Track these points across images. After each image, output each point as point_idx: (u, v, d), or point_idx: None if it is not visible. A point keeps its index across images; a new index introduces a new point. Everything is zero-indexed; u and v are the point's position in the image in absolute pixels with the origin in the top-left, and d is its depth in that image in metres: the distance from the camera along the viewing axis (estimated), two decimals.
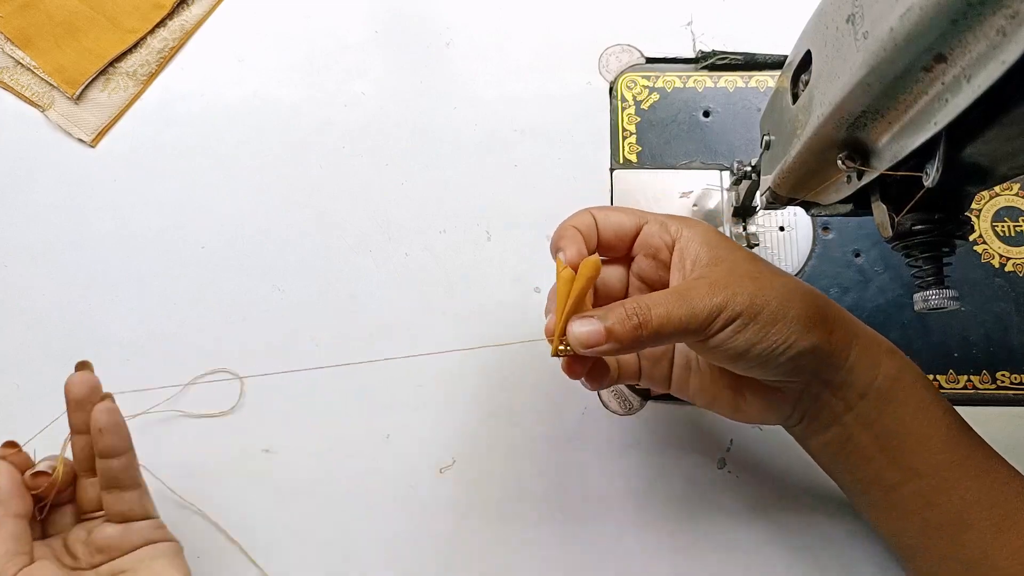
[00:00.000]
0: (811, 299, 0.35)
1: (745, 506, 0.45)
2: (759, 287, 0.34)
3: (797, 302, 0.34)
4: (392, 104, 0.54)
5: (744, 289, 0.33)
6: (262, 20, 0.57)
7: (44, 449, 0.40)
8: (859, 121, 0.29)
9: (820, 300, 0.36)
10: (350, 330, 0.49)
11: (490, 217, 0.52)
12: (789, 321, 0.33)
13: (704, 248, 0.36)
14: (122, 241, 0.51)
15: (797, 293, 0.35)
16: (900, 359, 0.37)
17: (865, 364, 0.36)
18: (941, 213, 0.31)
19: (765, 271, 0.36)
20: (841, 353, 0.36)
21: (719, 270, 0.35)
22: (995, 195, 0.51)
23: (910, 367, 0.37)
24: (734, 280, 0.34)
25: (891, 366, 0.36)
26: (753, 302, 0.33)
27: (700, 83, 0.54)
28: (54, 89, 0.54)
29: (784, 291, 0.34)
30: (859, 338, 0.36)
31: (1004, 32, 0.20)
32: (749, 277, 0.34)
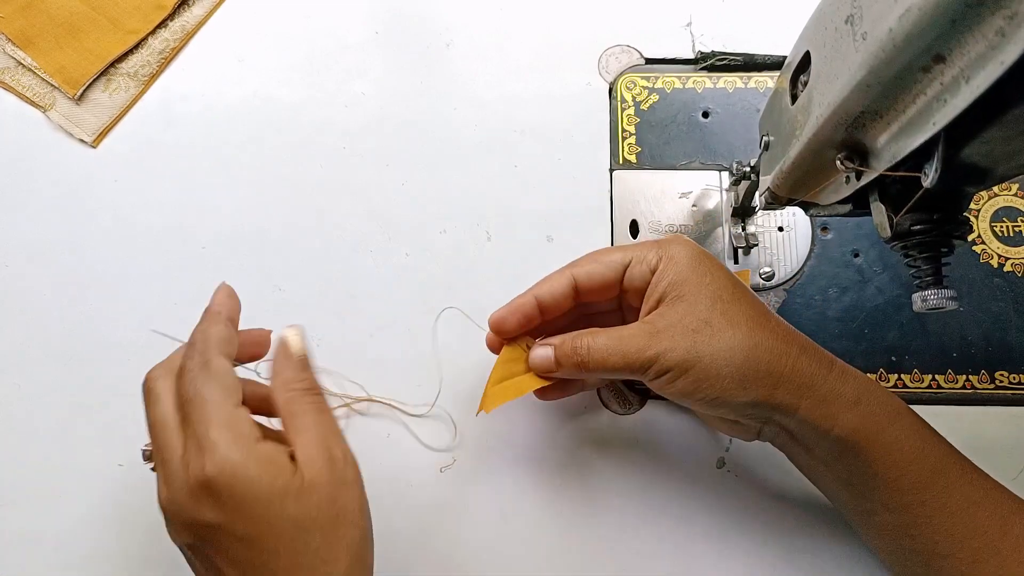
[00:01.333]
0: (755, 356, 0.35)
1: (744, 506, 0.45)
2: (697, 342, 0.35)
3: (736, 360, 0.34)
4: (392, 104, 0.54)
5: (681, 343, 0.35)
6: (262, 21, 0.57)
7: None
8: (858, 122, 0.29)
9: (767, 357, 0.35)
10: (350, 330, 0.49)
11: (490, 217, 0.52)
12: (722, 379, 0.35)
13: (671, 286, 0.36)
14: (123, 241, 0.51)
15: (740, 350, 0.34)
16: (864, 407, 0.35)
17: (818, 417, 0.35)
18: (940, 213, 0.31)
19: (718, 321, 0.35)
20: (787, 408, 0.35)
21: (671, 315, 0.36)
22: (994, 195, 0.51)
23: (877, 414, 0.36)
24: (678, 332, 0.35)
25: (851, 418, 0.35)
26: (685, 359, 0.34)
27: (699, 84, 0.54)
28: (55, 89, 0.54)
29: (725, 347, 0.34)
30: (813, 392, 0.35)
31: (1003, 33, 0.21)
32: (693, 329, 0.35)
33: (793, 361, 0.35)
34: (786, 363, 0.35)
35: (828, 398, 0.35)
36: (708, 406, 0.36)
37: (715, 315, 0.35)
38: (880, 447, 0.35)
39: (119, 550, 0.45)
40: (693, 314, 0.35)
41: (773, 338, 0.36)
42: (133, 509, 0.46)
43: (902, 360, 0.48)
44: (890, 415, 0.36)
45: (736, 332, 0.35)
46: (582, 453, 0.46)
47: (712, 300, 0.36)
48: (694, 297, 0.36)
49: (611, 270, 0.38)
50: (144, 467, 0.47)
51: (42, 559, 0.45)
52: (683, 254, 0.37)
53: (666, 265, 0.37)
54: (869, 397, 0.36)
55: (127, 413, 0.48)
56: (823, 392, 0.35)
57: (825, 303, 0.49)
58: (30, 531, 0.46)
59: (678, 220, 0.51)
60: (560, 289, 0.39)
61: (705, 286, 0.36)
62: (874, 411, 0.36)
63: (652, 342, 0.35)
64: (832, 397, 0.35)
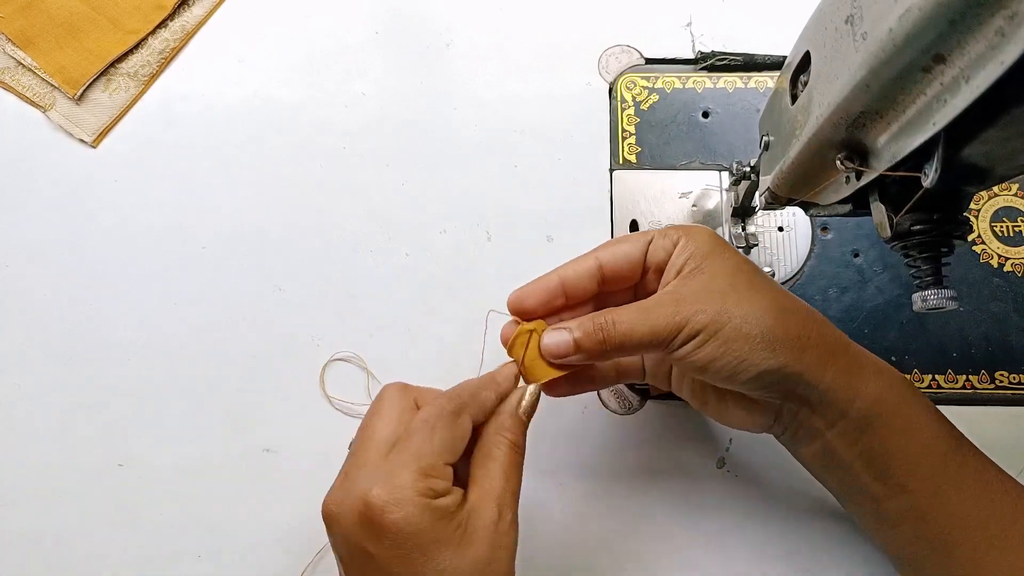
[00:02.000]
0: (784, 319, 0.35)
1: (744, 506, 0.45)
2: (725, 305, 0.34)
3: (766, 322, 0.34)
4: (392, 104, 0.55)
5: (709, 306, 0.34)
6: (262, 21, 0.57)
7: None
8: (858, 122, 0.29)
9: (796, 320, 0.35)
10: (350, 330, 0.49)
11: (490, 217, 0.52)
12: (751, 340, 0.34)
13: (691, 258, 0.36)
14: (123, 241, 0.51)
15: (770, 312, 0.34)
16: (886, 379, 0.36)
17: (843, 386, 0.35)
18: (940, 213, 0.31)
19: (743, 286, 0.35)
20: (814, 375, 0.35)
21: (693, 284, 0.36)
22: (994, 195, 0.51)
23: (897, 387, 0.36)
24: (703, 296, 0.35)
25: (874, 388, 0.35)
26: (715, 320, 0.34)
27: (699, 84, 0.54)
28: (55, 90, 0.54)
29: (753, 310, 0.34)
30: (838, 359, 0.35)
31: (1003, 33, 0.21)
32: (720, 293, 0.35)
33: (818, 328, 0.36)
34: (812, 328, 0.35)
35: (851, 367, 0.36)
36: (733, 375, 0.34)
37: (740, 281, 0.35)
38: (901, 421, 0.35)
39: (119, 550, 0.45)
40: (717, 280, 0.35)
41: (797, 305, 0.36)
42: (133, 509, 0.46)
43: (902, 360, 0.48)
44: (908, 391, 0.37)
45: (762, 297, 0.35)
46: (582, 452, 0.46)
47: (734, 270, 0.36)
48: (716, 268, 0.36)
49: (636, 248, 0.38)
50: (143, 466, 0.47)
51: (42, 559, 0.45)
52: (703, 232, 0.37)
53: (686, 240, 0.37)
54: (889, 371, 0.37)
55: (127, 413, 0.48)
56: (846, 361, 0.36)
57: (825, 303, 0.49)
58: (30, 531, 0.46)
59: (678, 220, 0.51)
60: (586, 271, 0.38)
61: (725, 260, 0.36)
62: (894, 385, 0.36)
63: (679, 308, 0.34)
64: (855, 366, 0.36)
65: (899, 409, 0.36)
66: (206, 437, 0.47)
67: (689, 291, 0.35)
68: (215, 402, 0.48)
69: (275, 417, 0.48)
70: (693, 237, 0.37)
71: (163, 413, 0.48)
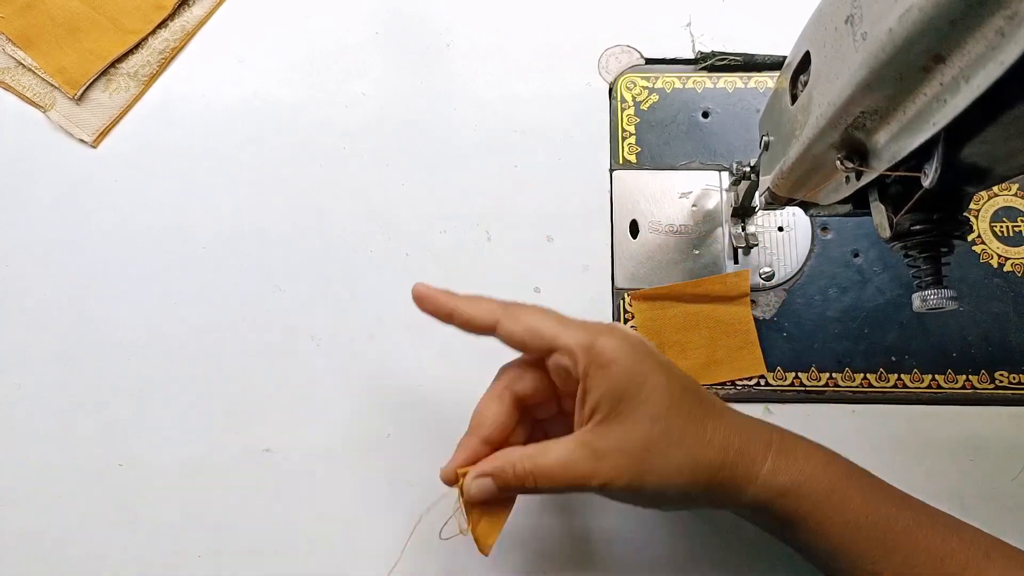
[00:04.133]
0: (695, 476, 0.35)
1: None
2: (641, 471, 0.34)
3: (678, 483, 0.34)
4: (392, 104, 0.55)
5: (626, 471, 0.34)
6: (262, 21, 0.57)
7: None
8: (858, 122, 0.29)
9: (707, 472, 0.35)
10: (350, 330, 0.49)
11: (490, 217, 0.52)
12: (667, 498, 0.36)
13: (604, 400, 0.35)
14: (123, 241, 0.51)
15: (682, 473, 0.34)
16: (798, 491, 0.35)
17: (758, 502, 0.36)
18: (940, 213, 0.31)
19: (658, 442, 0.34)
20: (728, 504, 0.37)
21: (610, 436, 0.34)
22: (994, 195, 0.51)
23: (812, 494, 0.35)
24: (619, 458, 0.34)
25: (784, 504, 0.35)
26: (631, 484, 0.34)
27: (699, 84, 0.54)
28: (55, 90, 0.54)
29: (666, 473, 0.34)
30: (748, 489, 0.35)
31: (1003, 33, 0.21)
32: (635, 457, 0.34)
33: (730, 472, 0.35)
34: (724, 474, 0.35)
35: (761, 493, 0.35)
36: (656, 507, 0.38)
37: (654, 437, 0.34)
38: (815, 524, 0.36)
39: (119, 550, 0.45)
40: (632, 439, 0.34)
41: (711, 451, 0.35)
42: (133, 509, 0.46)
43: (902, 360, 0.48)
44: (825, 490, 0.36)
45: (677, 454, 0.35)
46: None
47: (651, 420, 0.34)
48: (632, 419, 0.34)
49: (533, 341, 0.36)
50: (143, 466, 0.47)
51: (42, 559, 0.45)
52: (617, 361, 0.34)
53: (596, 375, 0.34)
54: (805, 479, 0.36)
55: (127, 413, 0.48)
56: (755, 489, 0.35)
57: (825, 303, 0.49)
58: (30, 531, 0.46)
59: (678, 220, 0.51)
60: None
61: (641, 403, 0.34)
62: (809, 493, 0.36)
63: (597, 467, 0.34)
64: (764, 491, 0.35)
65: (814, 512, 0.35)
66: (206, 437, 0.47)
67: (605, 446, 0.34)
68: (215, 402, 0.48)
69: (275, 417, 0.48)
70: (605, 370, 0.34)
71: (163, 413, 0.48)
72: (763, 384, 0.48)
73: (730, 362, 0.48)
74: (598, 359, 0.34)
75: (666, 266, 0.50)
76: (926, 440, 0.47)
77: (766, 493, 0.35)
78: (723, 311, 0.49)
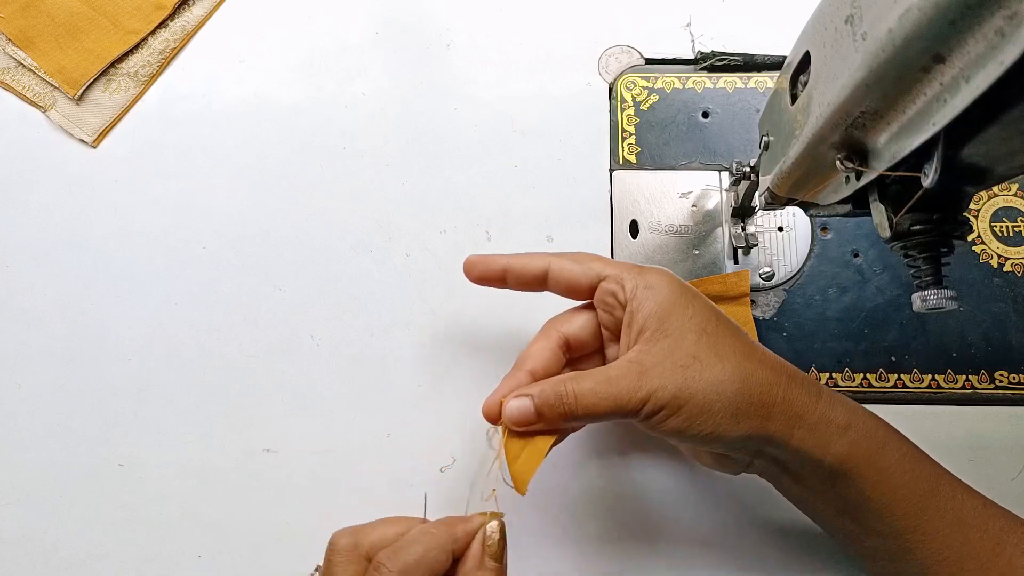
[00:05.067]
0: (748, 388, 0.34)
1: (744, 506, 0.45)
2: (688, 377, 0.34)
3: (728, 393, 0.34)
4: (392, 105, 0.55)
5: (672, 380, 0.34)
6: (263, 21, 0.57)
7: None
8: (858, 122, 0.29)
9: (761, 386, 0.35)
10: (350, 330, 0.49)
11: (490, 217, 0.52)
12: (715, 414, 0.34)
13: (652, 318, 0.35)
14: (123, 241, 0.51)
15: (734, 382, 0.34)
16: (855, 433, 0.35)
17: (810, 446, 0.35)
18: (939, 213, 0.31)
19: (706, 352, 0.35)
20: (781, 438, 0.35)
21: (657, 350, 0.35)
22: (994, 195, 0.51)
23: (869, 438, 0.36)
24: (667, 367, 0.34)
25: (842, 445, 0.35)
26: (678, 395, 0.34)
27: (699, 84, 0.54)
28: (55, 90, 0.54)
29: (717, 381, 0.34)
30: (805, 420, 0.35)
31: (1003, 33, 0.21)
32: (683, 364, 0.34)
33: (784, 391, 0.35)
34: (776, 393, 0.35)
35: (819, 426, 0.35)
36: (701, 442, 0.35)
37: (703, 349, 0.35)
38: (872, 472, 0.35)
39: (119, 550, 0.45)
40: (680, 349, 0.34)
41: (762, 369, 0.35)
42: (133, 509, 0.46)
43: (902, 360, 0.48)
44: (880, 440, 0.36)
45: (726, 365, 0.34)
46: (581, 453, 0.46)
47: (698, 334, 0.35)
48: (679, 332, 0.35)
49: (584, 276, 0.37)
50: (144, 467, 0.47)
51: (42, 559, 0.45)
52: (663, 284, 0.36)
53: (644, 295, 0.35)
54: (859, 423, 0.36)
55: (127, 413, 0.48)
56: (813, 420, 0.35)
57: (825, 303, 0.49)
58: (30, 531, 0.46)
59: (678, 220, 0.51)
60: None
61: (689, 319, 0.35)
62: (864, 437, 0.35)
63: (642, 381, 0.34)
64: (823, 425, 0.35)
65: (870, 462, 0.35)
66: (206, 437, 0.47)
67: (653, 361, 0.34)
68: (215, 402, 0.48)
69: (275, 417, 0.48)
70: (653, 291, 0.35)
71: (163, 413, 0.48)
72: None
73: None
74: (645, 280, 0.36)
75: (666, 266, 0.50)
76: (926, 440, 0.46)
77: (825, 427, 0.35)
78: (723, 311, 0.49)
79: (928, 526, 0.35)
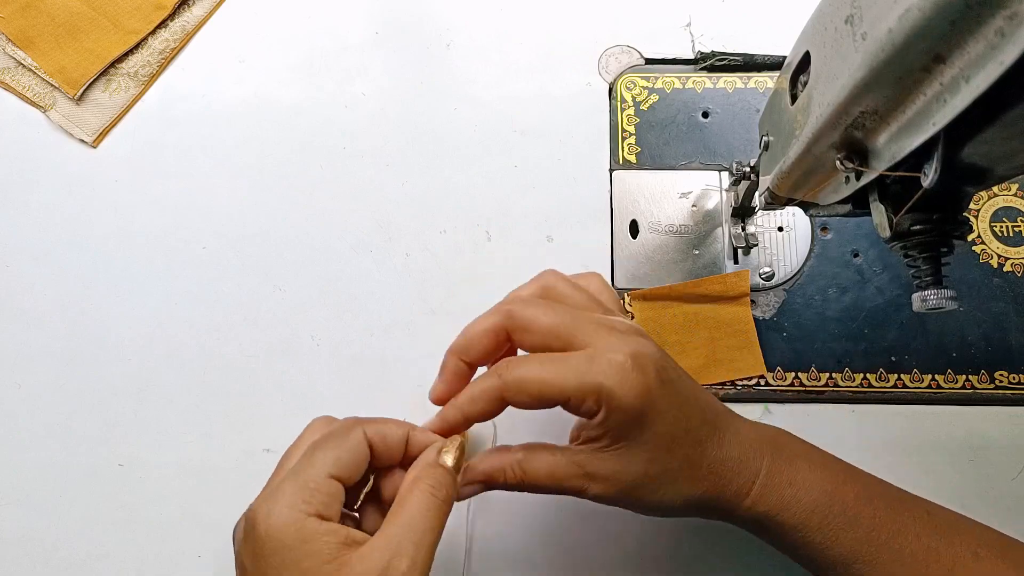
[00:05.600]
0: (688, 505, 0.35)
1: None
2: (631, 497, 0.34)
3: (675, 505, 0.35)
4: (392, 105, 0.55)
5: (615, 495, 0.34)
6: (263, 21, 0.57)
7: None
8: (857, 122, 0.29)
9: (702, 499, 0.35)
10: (350, 330, 0.49)
11: (490, 217, 0.52)
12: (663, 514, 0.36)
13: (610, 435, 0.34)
14: (123, 241, 0.51)
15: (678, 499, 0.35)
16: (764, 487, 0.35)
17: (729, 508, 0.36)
18: (939, 213, 0.31)
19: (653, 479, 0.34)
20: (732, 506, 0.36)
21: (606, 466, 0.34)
22: (993, 195, 0.51)
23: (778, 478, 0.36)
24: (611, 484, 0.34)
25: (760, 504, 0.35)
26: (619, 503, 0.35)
27: (699, 84, 0.54)
28: (55, 90, 0.54)
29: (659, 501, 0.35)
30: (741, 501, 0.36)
31: (1003, 33, 0.21)
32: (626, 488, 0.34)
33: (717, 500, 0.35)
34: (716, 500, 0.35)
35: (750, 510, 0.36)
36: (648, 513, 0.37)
37: (651, 474, 0.34)
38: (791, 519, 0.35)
39: (119, 550, 0.45)
40: (629, 471, 0.34)
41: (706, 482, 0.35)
42: (133, 509, 0.46)
43: (902, 360, 0.48)
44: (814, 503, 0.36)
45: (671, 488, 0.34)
46: None
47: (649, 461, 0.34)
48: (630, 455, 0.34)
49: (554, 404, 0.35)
50: (144, 467, 0.47)
51: (42, 559, 0.45)
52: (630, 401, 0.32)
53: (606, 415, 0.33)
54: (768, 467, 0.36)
55: (127, 413, 0.48)
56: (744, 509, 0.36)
57: (825, 303, 0.49)
58: (30, 531, 0.46)
59: (678, 220, 0.51)
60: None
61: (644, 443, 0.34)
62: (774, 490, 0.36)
63: (587, 485, 0.34)
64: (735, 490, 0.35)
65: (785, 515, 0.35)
66: (206, 437, 0.47)
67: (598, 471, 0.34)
68: (215, 402, 0.48)
69: (275, 417, 0.48)
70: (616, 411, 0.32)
71: (163, 413, 0.48)
72: (763, 384, 0.48)
73: (730, 362, 0.48)
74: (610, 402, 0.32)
75: (666, 266, 0.50)
76: (926, 440, 0.47)
77: (752, 513, 0.36)
78: (723, 311, 0.49)
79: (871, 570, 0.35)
